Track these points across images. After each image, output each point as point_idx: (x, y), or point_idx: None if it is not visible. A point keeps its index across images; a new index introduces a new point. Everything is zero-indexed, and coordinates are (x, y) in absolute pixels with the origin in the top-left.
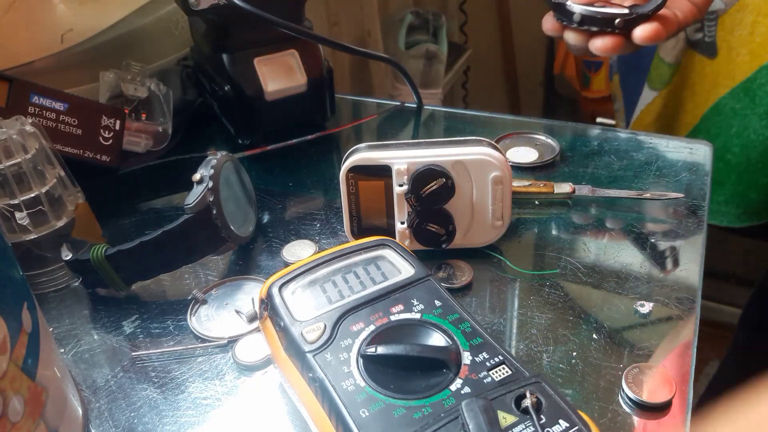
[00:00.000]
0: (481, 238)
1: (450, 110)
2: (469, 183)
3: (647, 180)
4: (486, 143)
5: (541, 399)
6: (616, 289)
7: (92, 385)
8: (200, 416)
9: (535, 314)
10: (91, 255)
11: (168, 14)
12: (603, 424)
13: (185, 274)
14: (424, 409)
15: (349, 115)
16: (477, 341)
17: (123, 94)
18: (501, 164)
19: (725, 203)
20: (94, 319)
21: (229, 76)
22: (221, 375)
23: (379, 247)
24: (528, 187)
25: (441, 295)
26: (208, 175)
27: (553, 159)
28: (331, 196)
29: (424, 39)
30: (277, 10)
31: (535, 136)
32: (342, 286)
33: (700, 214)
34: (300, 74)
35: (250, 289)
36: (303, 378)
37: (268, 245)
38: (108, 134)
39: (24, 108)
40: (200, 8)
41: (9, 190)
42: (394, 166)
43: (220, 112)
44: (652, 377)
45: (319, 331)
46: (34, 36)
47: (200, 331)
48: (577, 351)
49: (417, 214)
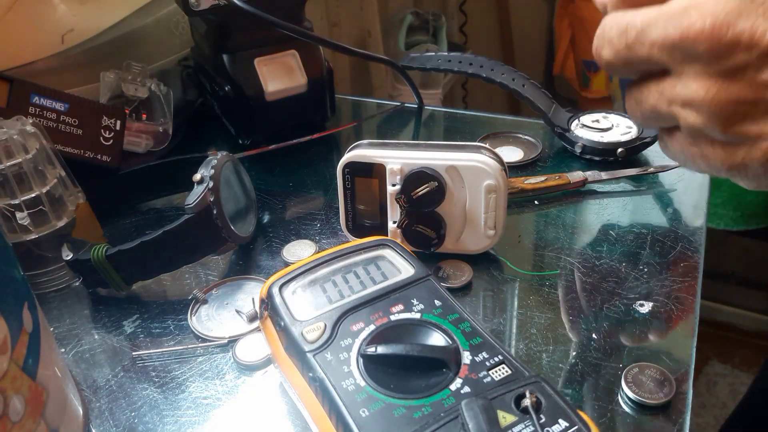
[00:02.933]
0: (473, 245)
1: (450, 110)
2: (462, 189)
3: (646, 180)
4: (485, 150)
5: (540, 398)
6: (616, 289)
7: (93, 385)
8: (201, 416)
9: (535, 314)
10: (92, 255)
11: (168, 15)
12: (603, 424)
13: (186, 274)
14: (424, 409)
15: (349, 115)
16: (477, 341)
17: (123, 94)
18: (495, 172)
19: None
20: (95, 319)
21: (229, 77)
22: (221, 375)
23: (379, 247)
24: (545, 182)
25: (441, 294)
26: (209, 175)
27: (537, 156)
28: (331, 196)
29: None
30: (277, 10)
31: (518, 135)
32: (342, 286)
33: (699, 214)
34: (300, 74)
35: (250, 289)
36: (303, 378)
37: (269, 245)
38: (108, 134)
39: (25, 108)
40: (201, 9)
41: (10, 190)
42: (388, 165)
43: (221, 112)
44: (652, 377)
45: (319, 330)
46: (35, 36)
47: (201, 331)
48: (577, 351)
49: (408, 215)
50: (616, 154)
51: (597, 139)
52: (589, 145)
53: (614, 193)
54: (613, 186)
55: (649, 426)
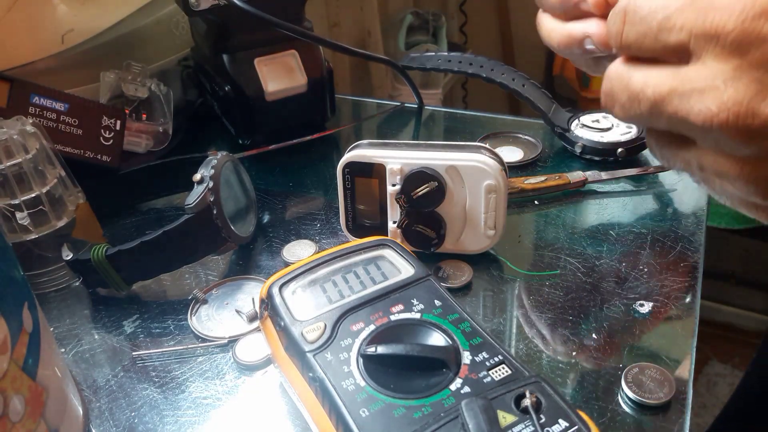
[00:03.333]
0: (473, 245)
1: (450, 110)
2: (462, 189)
3: (646, 180)
4: (485, 150)
5: (540, 398)
6: (616, 289)
7: (93, 385)
8: (201, 416)
9: (535, 314)
10: (92, 255)
11: (168, 15)
12: (603, 424)
13: (186, 274)
14: (424, 409)
15: (349, 115)
16: (477, 341)
17: (123, 94)
18: (495, 173)
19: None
20: (95, 319)
21: (229, 77)
22: (221, 375)
23: (379, 247)
24: (545, 182)
25: (441, 294)
26: (209, 175)
27: (537, 156)
28: (331, 196)
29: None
30: (277, 10)
31: (518, 135)
32: (342, 286)
33: (699, 214)
34: (300, 74)
35: (250, 289)
36: (303, 377)
37: (269, 245)
38: (108, 134)
39: (25, 108)
40: (201, 9)
41: (10, 190)
42: (388, 165)
43: (221, 112)
44: (652, 377)
45: (319, 330)
46: (35, 36)
47: (201, 331)
48: (577, 351)
49: (408, 215)
50: (616, 154)
51: (597, 139)
52: (589, 145)
53: (614, 193)
54: (613, 186)
55: (649, 426)
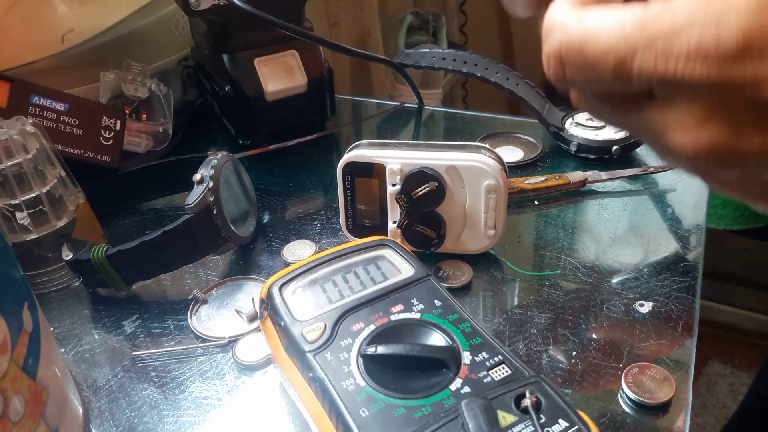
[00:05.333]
0: (473, 245)
1: (450, 110)
2: (462, 189)
3: (645, 180)
4: (485, 150)
5: (540, 398)
6: (616, 289)
7: (93, 385)
8: (201, 416)
9: (535, 314)
10: (92, 255)
11: (168, 15)
12: (603, 424)
13: (186, 274)
14: (423, 409)
15: (349, 115)
16: (477, 341)
17: (123, 94)
18: (495, 172)
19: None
20: (95, 319)
21: (229, 77)
22: (221, 375)
23: (379, 247)
24: (545, 182)
25: (441, 294)
26: (209, 175)
27: (537, 156)
28: (331, 196)
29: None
30: (277, 10)
31: (518, 135)
32: (342, 286)
33: (699, 214)
34: (300, 74)
35: (250, 289)
36: (303, 378)
37: (269, 245)
38: (108, 134)
39: (25, 108)
40: (201, 9)
41: (10, 190)
42: (388, 165)
43: (221, 112)
44: (652, 377)
45: (319, 330)
46: (35, 36)
47: (201, 331)
48: (577, 351)
49: (408, 215)
50: (611, 152)
51: (591, 137)
52: (583, 143)
53: (614, 193)
54: (612, 186)
55: (649, 426)
